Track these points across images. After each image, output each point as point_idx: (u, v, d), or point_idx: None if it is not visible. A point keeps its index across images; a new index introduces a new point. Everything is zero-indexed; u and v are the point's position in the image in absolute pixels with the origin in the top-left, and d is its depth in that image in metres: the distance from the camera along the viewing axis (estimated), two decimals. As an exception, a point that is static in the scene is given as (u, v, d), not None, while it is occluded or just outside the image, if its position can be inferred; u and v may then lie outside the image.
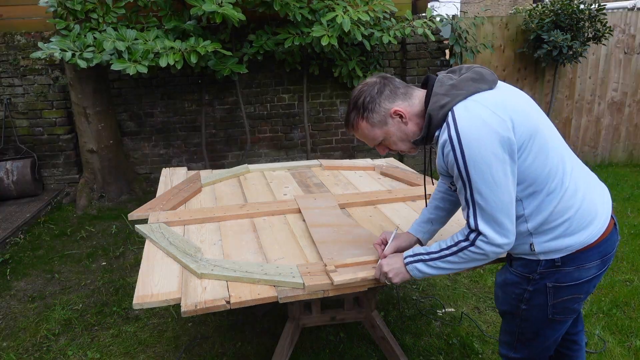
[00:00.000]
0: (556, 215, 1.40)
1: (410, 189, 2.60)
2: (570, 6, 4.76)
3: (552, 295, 1.48)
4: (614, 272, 3.25)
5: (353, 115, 1.52)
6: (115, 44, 3.81)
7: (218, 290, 1.60)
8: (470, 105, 1.37)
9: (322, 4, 4.41)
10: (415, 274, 1.53)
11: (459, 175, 1.36)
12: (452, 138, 1.34)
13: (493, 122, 1.31)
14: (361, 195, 2.49)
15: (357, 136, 1.58)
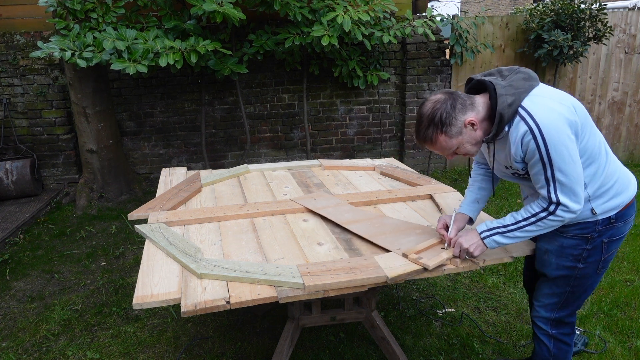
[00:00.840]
0: (607, 179, 1.74)
1: (411, 189, 2.59)
2: (570, 6, 4.75)
3: (605, 250, 1.79)
4: (615, 272, 3.25)
5: (431, 131, 1.67)
6: (115, 43, 3.81)
7: (218, 290, 1.59)
8: (536, 100, 1.61)
9: (323, 4, 4.40)
10: (493, 245, 1.76)
11: (540, 159, 1.60)
12: (532, 128, 1.57)
13: (562, 110, 1.58)
14: (361, 195, 2.49)
15: (432, 149, 1.74)
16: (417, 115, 1.72)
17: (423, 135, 1.70)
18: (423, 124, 1.68)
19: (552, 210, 1.65)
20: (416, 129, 1.73)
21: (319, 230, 2.10)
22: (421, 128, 1.69)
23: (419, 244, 1.87)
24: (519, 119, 1.60)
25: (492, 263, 1.82)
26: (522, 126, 1.59)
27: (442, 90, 1.72)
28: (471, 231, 1.81)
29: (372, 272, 1.66)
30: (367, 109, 5.44)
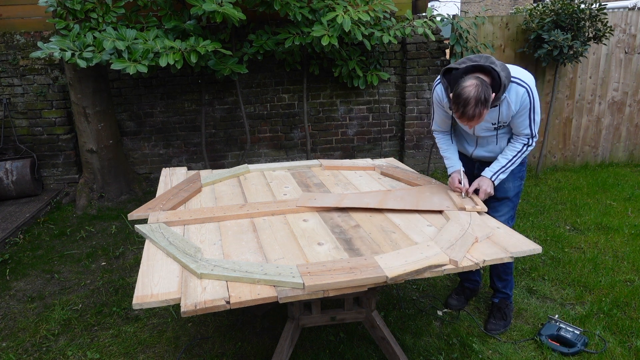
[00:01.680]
0: None
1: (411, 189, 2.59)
2: (570, 6, 4.75)
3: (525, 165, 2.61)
4: (615, 272, 3.25)
5: (480, 109, 2.11)
6: (115, 43, 3.81)
7: (218, 290, 1.59)
8: (515, 70, 2.33)
9: (323, 4, 4.40)
10: (497, 182, 2.46)
11: (529, 109, 2.32)
12: (527, 89, 2.29)
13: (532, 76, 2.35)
14: (361, 195, 2.48)
15: (475, 123, 2.19)
16: (463, 99, 2.09)
17: (472, 113, 2.11)
18: (471, 104, 2.09)
19: (530, 143, 2.42)
20: (463, 109, 2.11)
21: (319, 230, 2.10)
22: (469, 108, 2.09)
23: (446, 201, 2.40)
24: (514, 85, 2.27)
25: (492, 263, 1.82)
26: (520, 89, 2.28)
27: (472, 76, 2.16)
28: (482, 178, 2.47)
29: (372, 272, 1.66)
30: (367, 109, 5.44)
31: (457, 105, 2.12)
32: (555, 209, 4.43)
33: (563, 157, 5.83)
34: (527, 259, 3.42)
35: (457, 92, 2.12)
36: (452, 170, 2.55)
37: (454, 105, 2.14)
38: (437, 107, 2.50)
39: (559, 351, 2.45)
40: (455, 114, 2.17)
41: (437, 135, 2.64)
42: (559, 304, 2.91)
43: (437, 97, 2.45)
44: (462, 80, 2.15)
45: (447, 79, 2.33)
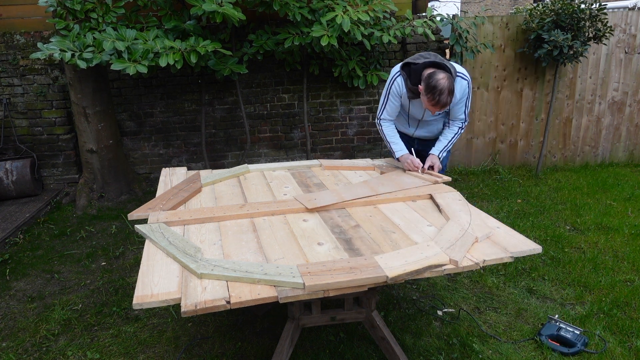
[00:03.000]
0: None
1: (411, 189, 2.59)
2: (570, 6, 4.75)
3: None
4: (615, 272, 3.25)
5: (450, 97, 2.55)
6: (115, 43, 3.81)
7: (218, 290, 1.59)
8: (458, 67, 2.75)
9: (322, 4, 4.40)
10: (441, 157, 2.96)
11: (467, 98, 2.80)
12: (469, 83, 2.75)
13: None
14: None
15: (442, 110, 2.65)
16: (439, 89, 2.49)
17: (445, 101, 2.53)
18: (445, 94, 2.50)
19: (463, 126, 2.95)
20: (438, 97, 2.51)
21: (319, 230, 2.10)
22: (443, 97, 2.50)
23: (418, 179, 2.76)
24: (459, 79, 2.71)
25: (492, 263, 1.82)
26: (463, 82, 2.73)
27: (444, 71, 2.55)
28: (432, 156, 2.93)
29: (372, 272, 1.66)
30: (367, 109, 5.44)
31: (432, 95, 2.51)
32: (555, 209, 4.43)
33: (563, 157, 5.83)
34: (527, 259, 3.42)
35: (432, 83, 2.50)
36: (402, 153, 2.92)
37: (430, 95, 2.52)
38: (393, 98, 2.85)
39: (559, 351, 2.45)
40: (429, 102, 2.56)
41: (385, 123, 2.96)
42: (559, 304, 2.91)
43: (396, 88, 2.80)
44: (434, 73, 2.53)
45: (406, 72, 2.73)
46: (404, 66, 2.75)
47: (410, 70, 2.69)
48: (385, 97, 2.87)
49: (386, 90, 2.85)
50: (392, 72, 2.81)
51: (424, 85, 2.56)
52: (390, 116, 2.93)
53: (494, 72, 5.42)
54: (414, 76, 2.68)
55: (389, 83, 2.81)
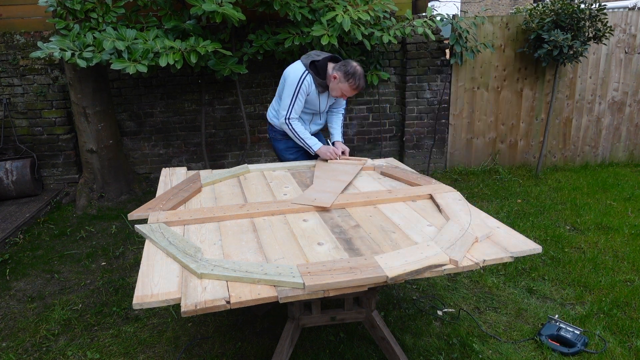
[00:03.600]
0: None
1: (410, 189, 2.59)
2: (570, 6, 4.75)
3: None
4: (615, 272, 3.25)
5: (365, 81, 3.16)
6: (115, 43, 3.80)
7: (218, 290, 1.59)
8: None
9: (322, 4, 4.40)
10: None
11: None
12: None
13: None
14: (361, 195, 2.49)
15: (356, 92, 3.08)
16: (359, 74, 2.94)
17: (363, 85, 3.00)
18: (363, 78, 2.98)
19: (345, 114, 3.48)
20: (359, 82, 2.95)
21: (319, 230, 2.10)
22: (362, 81, 2.97)
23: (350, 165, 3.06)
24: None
25: (492, 263, 1.82)
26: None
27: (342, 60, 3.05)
28: (339, 143, 3.30)
29: (372, 272, 1.66)
30: (367, 109, 5.44)
31: (354, 79, 2.92)
32: (555, 209, 4.43)
33: (563, 157, 5.83)
34: (527, 259, 3.42)
35: (351, 70, 2.91)
36: (319, 146, 3.13)
37: (352, 80, 2.92)
38: (301, 96, 3.04)
39: (559, 351, 2.45)
40: (351, 87, 2.96)
41: (294, 122, 3.10)
42: (559, 304, 2.91)
43: (306, 86, 3.02)
44: (348, 62, 2.96)
45: (312, 69, 3.00)
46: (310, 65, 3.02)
47: (316, 67, 3.00)
48: (294, 96, 3.02)
49: (295, 90, 3.00)
50: (298, 72, 3.00)
51: (342, 74, 2.93)
52: (297, 115, 3.09)
53: (494, 72, 5.42)
54: (322, 71, 3.01)
55: (298, 82, 2.99)
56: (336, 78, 2.97)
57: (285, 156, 3.35)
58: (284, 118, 3.08)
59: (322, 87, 3.06)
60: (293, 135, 3.13)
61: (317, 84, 3.05)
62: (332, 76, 2.98)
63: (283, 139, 3.31)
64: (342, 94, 3.05)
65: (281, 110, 3.10)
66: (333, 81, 3.00)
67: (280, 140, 3.34)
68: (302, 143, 3.14)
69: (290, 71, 3.06)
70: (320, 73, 3.02)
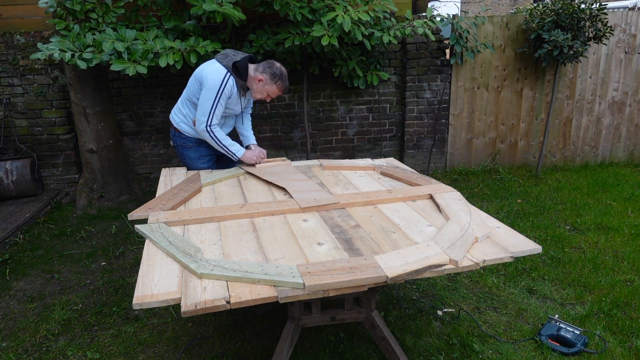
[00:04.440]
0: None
1: (410, 189, 2.59)
2: (571, 6, 4.75)
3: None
4: (615, 272, 3.25)
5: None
6: (114, 44, 3.80)
7: (218, 290, 1.59)
8: None
9: (323, 4, 4.40)
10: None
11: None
12: None
13: None
14: (361, 195, 2.49)
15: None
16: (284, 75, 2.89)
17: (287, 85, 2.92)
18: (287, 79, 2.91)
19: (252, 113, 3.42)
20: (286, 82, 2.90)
21: (319, 230, 2.10)
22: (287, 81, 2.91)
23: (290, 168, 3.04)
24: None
25: (492, 263, 1.82)
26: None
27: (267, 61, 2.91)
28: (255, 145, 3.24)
29: (372, 272, 1.66)
30: (367, 109, 5.44)
31: (282, 80, 2.87)
32: (555, 209, 4.43)
33: (563, 157, 5.83)
34: (527, 259, 3.42)
35: (277, 72, 2.84)
36: (242, 151, 3.03)
37: (279, 81, 2.86)
38: (223, 100, 2.87)
39: (559, 351, 2.45)
40: (279, 88, 2.89)
41: (216, 128, 2.94)
42: (559, 304, 2.91)
43: (228, 90, 2.85)
44: (272, 63, 2.87)
45: (234, 71, 2.83)
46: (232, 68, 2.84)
47: (237, 68, 2.85)
48: (215, 102, 2.84)
49: (217, 94, 2.82)
50: (219, 75, 2.80)
51: (269, 76, 2.83)
52: (218, 120, 2.93)
53: (494, 72, 5.42)
54: (243, 73, 2.88)
55: (221, 86, 2.80)
56: (262, 80, 2.86)
57: (197, 165, 3.12)
58: (205, 125, 2.88)
59: (243, 89, 2.94)
60: (215, 143, 2.97)
61: (239, 87, 2.91)
62: (256, 78, 2.86)
63: (194, 147, 3.10)
64: (267, 95, 2.94)
65: (200, 117, 2.88)
66: (258, 84, 2.88)
67: (190, 148, 3.10)
68: (225, 150, 3.00)
69: (209, 73, 2.81)
70: (242, 74, 2.87)
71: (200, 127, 2.90)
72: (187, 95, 3.00)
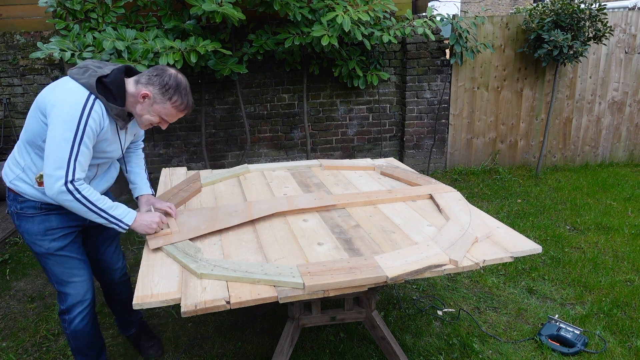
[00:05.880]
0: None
1: (410, 189, 2.59)
2: (570, 6, 4.75)
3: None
4: (615, 272, 3.25)
5: None
6: (114, 43, 3.81)
7: (218, 290, 1.59)
8: None
9: (322, 4, 4.40)
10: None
11: None
12: None
13: None
14: (361, 195, 2.49)
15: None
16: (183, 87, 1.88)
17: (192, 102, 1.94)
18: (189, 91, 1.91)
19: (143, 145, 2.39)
20: (187, 98, 1.89)
21: (319, 230, 2.10)
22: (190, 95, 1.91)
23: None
24: None
25: (492, 263, 1.82)
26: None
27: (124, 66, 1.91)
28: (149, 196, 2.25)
29: (372, 272, 1.67)
30: (367, 109, 5.44)
31: (181, 96, 1.87)
32: (555, 209, 4.43)
33: (563, 157, 5.83)
34: (527, 259, 3.42)
35: (172, 82, 1.84)
36: (133, 215, 1.96)
37: (177, 97, 1.85)
38: (89, 140, 1.77)
39: (559, 351, 2.45)
40: (179, 109, 1.89)
41: (82, 186, 1.80)
42: (559, 304, 2.91)
43: (94, 125, 1.77)
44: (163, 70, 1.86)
45: (102, 93, 1.79)
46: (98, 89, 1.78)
47: (106, 87, 1.80)
48: (75, 144, 1.73)
49: (76, 131, 1.73)
50: (77, 100, 1.74)
51: (157, 88, 1.83)
52: (84, 173, 1.81)
53: (494, 72, 5.42)
54: (117, 92, 1.82)
55: (81, 118, 1.73)
56: (147, 96, 1.84)
57: (44, 245, 1.95)
58: (64, 183, 1.74)
59: (121, 118, 1.88)
60: (84, 209, 1.82)
61: (114, 115, 1.84)
62: (139, 94, 1.84)
63: (38, 215, 1.93)
64: (160, 119, 1.91)
65: (51, 171, 1.73)
66: (142, 103, 1.86)
67: (31, 217, 1.93)
68: (104, 217, 1.88)
69: (60, 98, 1.73)
70: (116, 95, 1.82)
71: (55, 187, 1.74)
72: (27, 136, 1.85)
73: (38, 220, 1.94)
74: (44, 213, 1.94)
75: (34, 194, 1.90)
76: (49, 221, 1.95)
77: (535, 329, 2.66)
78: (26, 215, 1.94)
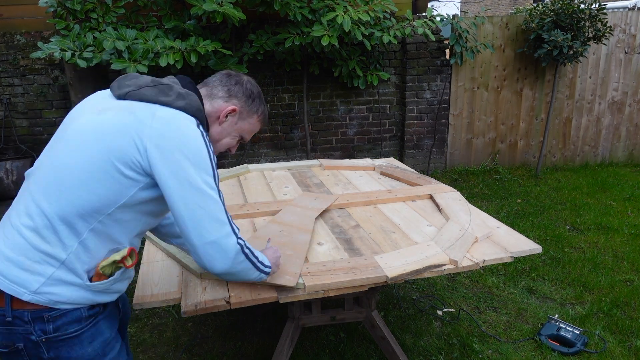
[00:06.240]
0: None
1: (410, 189, 2.59)
2: (570, 6, 4.75)
3: None
4: (615, 272, 3.25)
5: None
6: (115, 43, 3.81)
7: (218, 290, 1.60)
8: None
9: (322, 4, 4.40)
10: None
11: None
12: None
13: None
14: (361, 195, 2.49)
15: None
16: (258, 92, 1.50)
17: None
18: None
19: None
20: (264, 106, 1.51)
21: (319, 230, 2.11)
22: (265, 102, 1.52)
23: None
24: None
25: (492, 263, 1.82)
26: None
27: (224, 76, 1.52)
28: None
29: (372, 272, 1.67)
30: (367, 109, 5.44)
31: (264, 105, 1.52)
32: (555, 208, 4.43)
33: (563, 157, 5.83)
34: (527, 258, 3.42)
35: (254, 90, 1.48)
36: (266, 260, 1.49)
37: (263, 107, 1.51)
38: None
39: (558, 351, 2.45)
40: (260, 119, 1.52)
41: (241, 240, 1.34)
42: (559, 304, 2.91)
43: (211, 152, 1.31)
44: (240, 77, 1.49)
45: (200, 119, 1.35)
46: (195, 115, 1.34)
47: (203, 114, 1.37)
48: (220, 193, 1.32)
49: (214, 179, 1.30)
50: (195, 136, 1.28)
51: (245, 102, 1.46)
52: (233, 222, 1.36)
53: (494, 72, 5.42)
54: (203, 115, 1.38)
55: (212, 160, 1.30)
56: (235, 111, 1.45)
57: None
58: (236, 240, 1.31)
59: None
60: (252, 269, 1.40)
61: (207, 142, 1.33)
62: (224, 112, 1.44)
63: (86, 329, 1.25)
64: (240, 139, 1.53)
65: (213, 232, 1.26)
66: (223, 122, 1.45)
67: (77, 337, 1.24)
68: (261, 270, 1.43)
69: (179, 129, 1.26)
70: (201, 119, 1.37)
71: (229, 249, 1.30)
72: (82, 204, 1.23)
73: (87, 337, 1.26)
74: (92, 323, 1.27)
75: (83, 296, 1.23)
76: (100, 332, 1.29)
77: (535, 328, 2.66)
78: (68, 337, 1.22)
